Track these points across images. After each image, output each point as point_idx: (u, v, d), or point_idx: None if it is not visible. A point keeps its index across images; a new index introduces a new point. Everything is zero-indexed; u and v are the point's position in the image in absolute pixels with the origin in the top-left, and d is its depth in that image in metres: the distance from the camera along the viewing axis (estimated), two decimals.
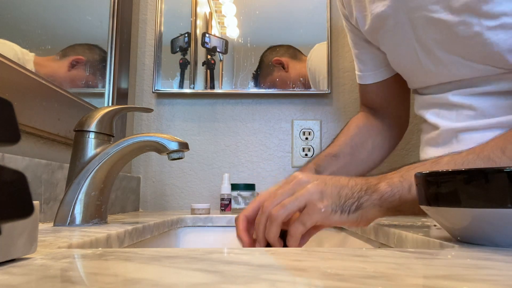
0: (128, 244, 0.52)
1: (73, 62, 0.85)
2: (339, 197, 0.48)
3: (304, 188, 0.48)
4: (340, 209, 0.47)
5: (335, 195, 0.48)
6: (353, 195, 0.48)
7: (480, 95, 0.63)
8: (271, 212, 0.48)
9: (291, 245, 0.49)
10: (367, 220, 0.49)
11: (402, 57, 0.71)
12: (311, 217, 0.47)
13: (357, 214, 0.48)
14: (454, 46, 0.61)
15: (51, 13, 0.77)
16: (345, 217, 0.48)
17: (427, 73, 0.67)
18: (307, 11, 1.20)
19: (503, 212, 0.30)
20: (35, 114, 0.65)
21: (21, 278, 0.21)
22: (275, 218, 0.47)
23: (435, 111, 0.69)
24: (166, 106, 1.21)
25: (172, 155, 0.60)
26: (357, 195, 0.48)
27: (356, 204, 0.48)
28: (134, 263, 0.26)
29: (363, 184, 0.49)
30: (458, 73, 0.63)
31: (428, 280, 0.22)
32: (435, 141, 0.68)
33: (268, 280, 0.21)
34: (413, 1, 0.62)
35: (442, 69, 0.65)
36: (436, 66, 0.65)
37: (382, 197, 0.48)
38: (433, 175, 0.35)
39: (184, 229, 0.87)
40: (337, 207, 0.47)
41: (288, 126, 1.19)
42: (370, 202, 0.48)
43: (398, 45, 0.69)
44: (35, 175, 0.61)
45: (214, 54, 1.20)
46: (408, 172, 0.49)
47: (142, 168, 1.18)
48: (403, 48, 0.69)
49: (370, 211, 0.48)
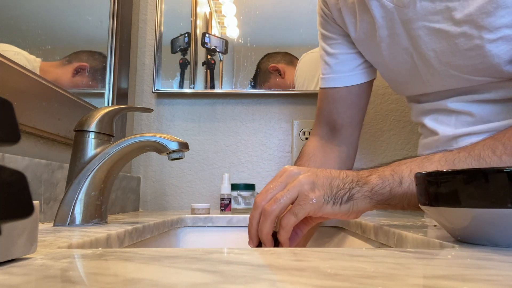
0: (128, 244, 0.52)
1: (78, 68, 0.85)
2: (331, 188, 0.48)
3: (296, 180, 0.48)
4: (332, 199, 0.47)
5: (326, 185, 0.48)
6: (344, 186, 0.48)
7: (478, 102, 0.63)
8: (264, 207, 0.48)
9: (283, 237, 0.48)
10: (358, 212, 0.49)
11: (398, 66, 0.69)
12: (303, 208, 0.47)
13: (349, 205, 0.48)
14: (453, 58, 0.60)
15: (51, 13, 0.77)
16: (337, 208, 0.48)
17: (424, 82, 0.67)
18: (307, 11, 1.20)
19: (503, 212, 0.30)
20: (35, 114, 0.65)
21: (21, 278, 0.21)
22: (269, 213, 0.47)
23: (434, 116, 0.69)
24: (166, 106, 1.21)
25: (172, 155, 0.60)
26: (348, 186, 0.48)
27: (348, 195, 0.48)
28: (134, 263, 0.26)
29: (354, 176, 0.49)
30: (455, 84, 0.63)
31: (428, 280, 0.22)
32: (434, 145, 0.68)
33: (268, 280, 0.21)
34: (408, 13, 0.61)
35: (440, 80, 0.64)
36: (433, 76, 0.65)
37: (373, 189, 0.48)
38: (433, 175, 0.35)
39: (184, 229, 0.87)
40: (329, 197, 0.47)
41: (288, 126, 1.19)
42: (361, 194, 0.48)
43: (394, 55, 0.68)
44: (35, 175, 0.61)
45: (214, 54, 1.20)
46: (399, 167, 0.49)
47: (142, 168, 1.18)
48: (399, 57, 0.67)
49: (361, 203, 0.48)
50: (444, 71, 0.62)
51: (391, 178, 0.48)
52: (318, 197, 0.47)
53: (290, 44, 1.20)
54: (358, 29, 0.71)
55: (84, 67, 0.88)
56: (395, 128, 1.18)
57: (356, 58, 0.77)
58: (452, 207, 0.33)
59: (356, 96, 0.78)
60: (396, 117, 1.19)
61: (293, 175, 0.49)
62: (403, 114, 1.18)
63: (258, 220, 0.49)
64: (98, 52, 0.96)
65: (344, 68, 0.77)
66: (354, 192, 0.48)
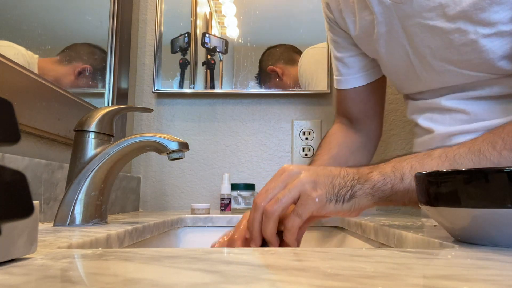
0: (128, 244, 0.52)
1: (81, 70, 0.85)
2: (333, 186, 0.48)
3: (297, 179, 0.47)
4: (335, 198, 0.47)
5: (328, 184, 0.48)
6: (346, 184, 0.48)
7: (472, 99, 0.63)
8: (266, 208, 0.47)
9: (289, 239, 0.48)
10: (360, 209, 0.49)
11: (395, 63, 0.70)
12: (306, 208, 0.46)
13: (351, 203, 0.48)
14: (449, 53, 0.60)
15: (51, 13, 0.77)
16: (340, 206, 0.47)
17: (420, 79, 0.67)
18: (307, 11, 1.19)
19: (503, 212, 0.30)
20: (35, 114, 0.65)
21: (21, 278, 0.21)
22: (271, 213, 0.47)
23: (428, 115, 0.69)
24: (166, 106, 1.21)
25: (172, 155, 0.60)
26: (350, 184, 0.48)
27: (350, 192, 0.48)
28: (134, 263, 0.26)
29: (355, 174, 0.49)
30: (451, 80, 0.63)
31: (428, 280, 0.22)
32: (429, 144, 0.68)
33: (268, 280, 0.21)
34: (405, 9, 0.61)
35: (435, 76, 0.64)
36: (429, 73, 0.65)
37: (375, 186, 0.48)
38: (433, 175, 0.35)
39: (184, 229, 0.87)
40: (332, 196, 0.47)
41: (288, 126, 1.19)
42: (362, 191, 0.48)
43: (391, 51, 0.68)
44: (35, 175, 0.61)
45: (214, 54, 1.20)
46: (400, 163, 0.49)
47: (142, 168, 1.18)
48: (396, 54, 0.68)
49: (363, 200, 0.48)
50: (441, 66, 0.62)
51: (392, 174, 0.48)
52: (321, 196, 0.47)
53: (290, 44, 1.20)
54: (358, 27, 0.71)
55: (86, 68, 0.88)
56: (395, 128, 1.18)
57: (361, 60, 0.79)
58: (452, 207, 0.33)
59: (366, 95, 0.81)
60: (396, 117, 1.19)
61: (293, 175, 0.49)
62: (403, 114, 1.18)
63: (260, 220, 0.48)
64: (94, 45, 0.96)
65: (350, 71, 0.80)
66: (356, 190, 0.48)
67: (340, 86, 0.82)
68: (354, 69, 0.79)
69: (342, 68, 0.81)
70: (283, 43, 1.20)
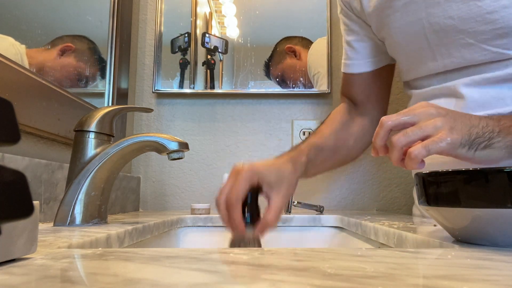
0: (128, 244, 0.52)
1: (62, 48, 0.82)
2: (470, 134, 0.47)
3: (431, 121, 0.46)
4: (469, 145, 0.47)
5: (465, 131, 0.47)
6: (484, 135, 0.47)
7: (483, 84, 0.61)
8: (391, 139, 0.47)
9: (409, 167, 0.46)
10: (491, 161, 0.48)
11: (408, 39, 0.69)
12: (438, 145, 0.45)
13: (485, 152, 0.47)
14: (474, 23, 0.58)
15: (51, 13, 0.77)
16: (472, 153, 0.47)
17: (434, 57, 0.65)
18: (307, 11, 1.20)
19: (503, 212, 0.30)
20: (35, 114, 0.65)
21: (21, 278, 0.21)
22: (394, 145, 0.46)
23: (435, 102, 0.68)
24: (166, 106, 1.21)
25: (172, 155, 0.60)
26: (488, 136, 0.47)
27: (486, 143, 0.47)
28: (134, 263, 0.26)
29: (495, 126, 0.48)
30: (469, 57, 0.61)
31: (428, 280, 0.22)
32: None
33: (268, 280, 0.21)
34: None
35: (453, 50, 0.63)
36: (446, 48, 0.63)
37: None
38: (433, 175, 0.35)
39: (184, 229, 0.87)
40: (467, 142, 0.46)
41: (288, 126, 1.19)
42: (503, 143, 0.47)
43: (406, 26, 0.67)
44: (35, 175, 0.61)
45: (214, 54, 1.20)
46: None
47: (142, 168, 1.18)
48: (409, 30, 0.67)
49: (498, 152, 0.47)
50: (460, 39, 0.61)
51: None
52: (455, 140, 0.46)
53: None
54: (373, 2, 0.71)
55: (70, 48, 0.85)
56: None
57: (369, 47, 0.80)
58: (452, 207, 0.33)
59: (372, 81, 0.82)
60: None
61: (429, 115, 0.47)
62: None
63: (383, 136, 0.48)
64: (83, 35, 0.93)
65: (357, 56, 0.81)
66: (494, 142, 0.47)
67: (347, 70, 0.83)
68: (361, 54, 0.80)
69: (350, 52, 0.81)
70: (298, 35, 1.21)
